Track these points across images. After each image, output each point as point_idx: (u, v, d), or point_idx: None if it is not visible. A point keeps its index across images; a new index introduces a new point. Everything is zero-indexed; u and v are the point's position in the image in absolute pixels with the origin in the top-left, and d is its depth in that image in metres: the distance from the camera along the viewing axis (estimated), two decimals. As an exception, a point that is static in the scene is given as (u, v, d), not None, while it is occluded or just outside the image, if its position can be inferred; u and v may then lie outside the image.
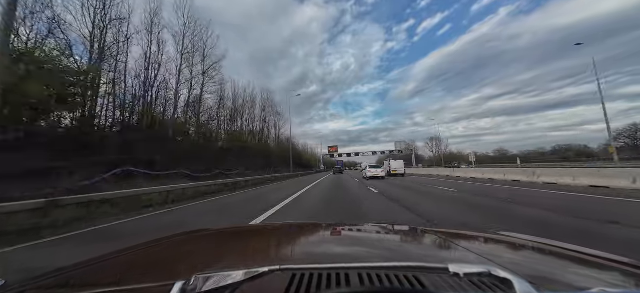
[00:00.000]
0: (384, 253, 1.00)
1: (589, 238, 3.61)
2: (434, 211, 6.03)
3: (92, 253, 0.98)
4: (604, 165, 22.24)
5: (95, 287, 0.64)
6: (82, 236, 4.71)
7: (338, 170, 42.43)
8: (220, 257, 0.98)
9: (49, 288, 0.70)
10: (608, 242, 3.44)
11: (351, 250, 1.07)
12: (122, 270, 0.84)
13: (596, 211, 5.31)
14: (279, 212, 6.49)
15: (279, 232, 1.47)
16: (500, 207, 6.24)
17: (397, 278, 0.53)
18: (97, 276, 0.79)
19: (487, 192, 9.39)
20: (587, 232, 3.88)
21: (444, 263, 0.54)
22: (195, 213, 7.08)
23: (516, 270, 0.58)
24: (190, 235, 1.33)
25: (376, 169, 22.13)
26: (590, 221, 4.47)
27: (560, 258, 0.86)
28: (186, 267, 0.83)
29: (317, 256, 0.98)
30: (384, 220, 5.19)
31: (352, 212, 6.32)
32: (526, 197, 7.84)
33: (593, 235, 3.72)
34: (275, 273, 0.55)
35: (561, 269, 0.78)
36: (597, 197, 7.35)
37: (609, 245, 3.24)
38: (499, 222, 4.75)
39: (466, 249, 0.97)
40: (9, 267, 3.33)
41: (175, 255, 1.02)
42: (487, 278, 0.51)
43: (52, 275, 0.76)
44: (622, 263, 0.75)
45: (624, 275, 0.69)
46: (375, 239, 1.25)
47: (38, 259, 3.53)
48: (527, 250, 0.98)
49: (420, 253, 1.04)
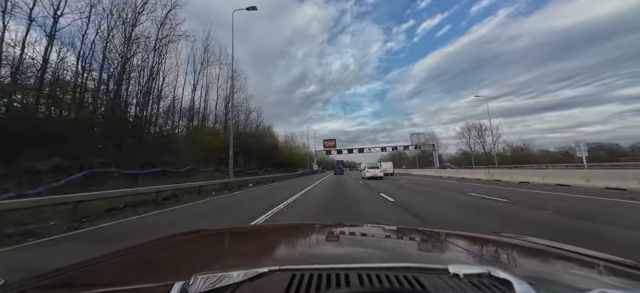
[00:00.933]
0: (384, 254, 1.00)
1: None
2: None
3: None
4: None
5: (95, 286, 0.64)
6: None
7: (339, 171, 42.09)
8: (220, 257, 0.98)
9: (48, 287, 0.70)
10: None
11: (351, 250, 1.07)
12: (121, 270, 0.84)
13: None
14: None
15: (278, 233, 1.47)
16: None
17: (397, 278, 0.53)
18: (96, 276, 0.79)
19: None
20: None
21: (444, 264, 0.54)
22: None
23: (516, 271, 0.58)
24: (190, 235, 1.33)
25: (375, 169, 22.28)
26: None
27: (560, 259, 0.86)
28: (186, 267, 0.83)
29: (317, 256, 0.98)
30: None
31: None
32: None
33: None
34: (274, 273, 0.55)
35: (561, 270, 0.78)
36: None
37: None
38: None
39: (466, 250, 0.97)
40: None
41: (174, 255, 1.02)
42: (486, 279, 0.51)
43: (52, 274, 0.76)
44: (622, 264, 0.75)
45: (625, 276, 0.69)
46: (375, 240, 1.25)
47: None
48: (527, 251, 0.98)
49: (420, 254, 1.04)
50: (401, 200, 8.13)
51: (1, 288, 0.65)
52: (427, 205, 7.34)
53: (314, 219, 5.81)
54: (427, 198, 8.67)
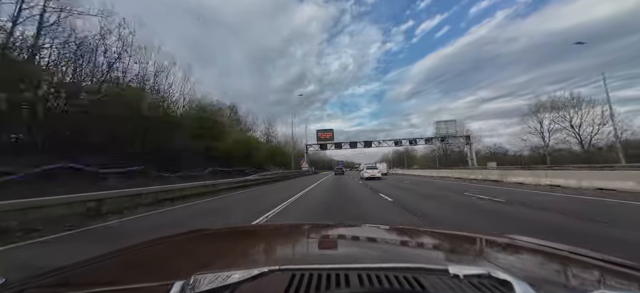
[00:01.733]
0: (384, 254, 1.00)
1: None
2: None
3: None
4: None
5: (95, 285, 0.64)
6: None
7: (339, 171, 40.27)
8: (220, 257, 0.98)
9: (48, 286, 0.70)
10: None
11: (351, 250, 1.07)
12: (121, 269, 0.84)
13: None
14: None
15: (278, 232, 1.47)
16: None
17: (397, 279, 0.53)
18: (97, 275, 0.79)
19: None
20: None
21: (444, 265, 0.54)
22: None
23: (516, 272, 0.58)
24: (190, 234, 1.33)
25: (373, 170, 22.66)
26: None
27: (561, 261, 0.85)
28: (186, 267, 0.83)
29: (317, 256, 0.98)
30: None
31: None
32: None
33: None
34: (274, 273, 0.55)
35: (561, 271, 0.78)
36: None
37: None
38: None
39: (466, 250, 0.97)
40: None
41: (175, 255, 1.02)
42: (486, 280, 0.51)
43: (52, 273, 0.76)
44: (623, 265, 0.75)
45: (625, 278, 0.69)
46: (375, 240, 1.25)
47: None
48: (528, 252, 0.98)
49: (420, 254, 1.04)
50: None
51: (1, 287, 0.66)
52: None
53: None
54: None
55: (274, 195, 11.10)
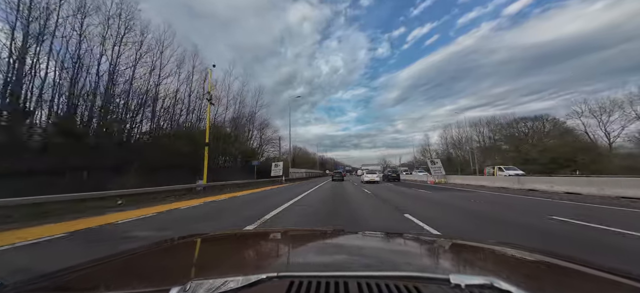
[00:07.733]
0: (384, 262, 0.98)
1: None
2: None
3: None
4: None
5: (92, 290, 0.63)
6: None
7: (338, 176, 38.38)
8: (217, 263, 0.97)
9: (44, 291, 0.69)
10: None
11: (350, 258, 1.06)
12: (118, 275, 0.83)
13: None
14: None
15: (277, 238, 1.45)
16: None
17: (397, 288, 0.52)
18: (93, 280, 0.79)
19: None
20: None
21: (445, 274, 0.54)
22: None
23: (519, 283, 0.57)
24: (187, 240, 1.32)
25: (372, 175, 25.27)
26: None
27: (565, 272, 0.84)
28: (183, 272, 0.82)
29: (316, 264, 0.96)
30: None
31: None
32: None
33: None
34: (272, 280, 0.54)
35: (565, 283, 0.76)
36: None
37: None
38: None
39: (468, 260, 0.95)
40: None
41: (171, 260, 1.01)
42: (489, 290, 0.50)
43: (49, 277, 0.75)
44: (628, 277, 0.73)
45: (630, 291, 0.68)
46: (375, 247, 1.23)
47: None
48: (531, 263, 0.96)
49: (421, 263, 1.02)
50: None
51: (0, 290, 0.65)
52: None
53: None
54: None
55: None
